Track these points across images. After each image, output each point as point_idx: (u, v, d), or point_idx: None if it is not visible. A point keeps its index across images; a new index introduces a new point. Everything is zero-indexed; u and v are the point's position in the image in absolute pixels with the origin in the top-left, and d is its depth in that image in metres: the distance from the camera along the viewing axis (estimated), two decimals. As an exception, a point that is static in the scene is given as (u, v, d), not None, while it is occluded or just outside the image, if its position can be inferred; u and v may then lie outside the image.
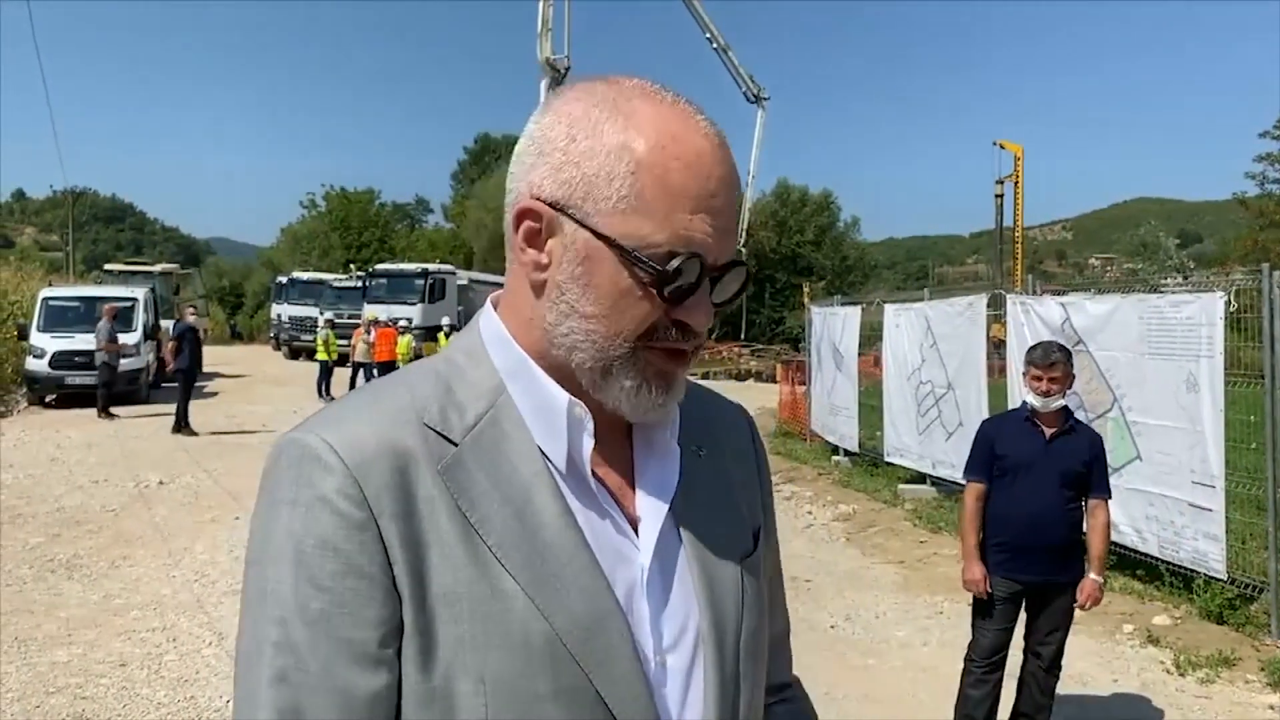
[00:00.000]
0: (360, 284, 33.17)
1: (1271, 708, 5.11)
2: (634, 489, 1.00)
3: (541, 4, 37.18)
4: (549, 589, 0.89)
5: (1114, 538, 7.28)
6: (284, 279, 39.02)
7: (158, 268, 30.45)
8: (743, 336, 46.55)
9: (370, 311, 25.83)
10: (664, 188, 0.88)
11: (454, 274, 32.60)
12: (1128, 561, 7.32)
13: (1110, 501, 7.20)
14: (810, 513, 10.19)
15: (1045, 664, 4.23)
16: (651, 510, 0.98)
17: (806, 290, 42.11)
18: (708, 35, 44.25)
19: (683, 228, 0.88)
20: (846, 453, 13.14)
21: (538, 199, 0.92)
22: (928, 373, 10.49)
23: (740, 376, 33.27)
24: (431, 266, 32.70)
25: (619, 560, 0.95)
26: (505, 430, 0.94)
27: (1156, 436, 6.94)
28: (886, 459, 11.61)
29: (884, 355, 11.88)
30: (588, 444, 0.94)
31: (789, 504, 10.47)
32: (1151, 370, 6.95)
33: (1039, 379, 4.14)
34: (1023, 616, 4.27)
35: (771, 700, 1.15)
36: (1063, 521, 4.08)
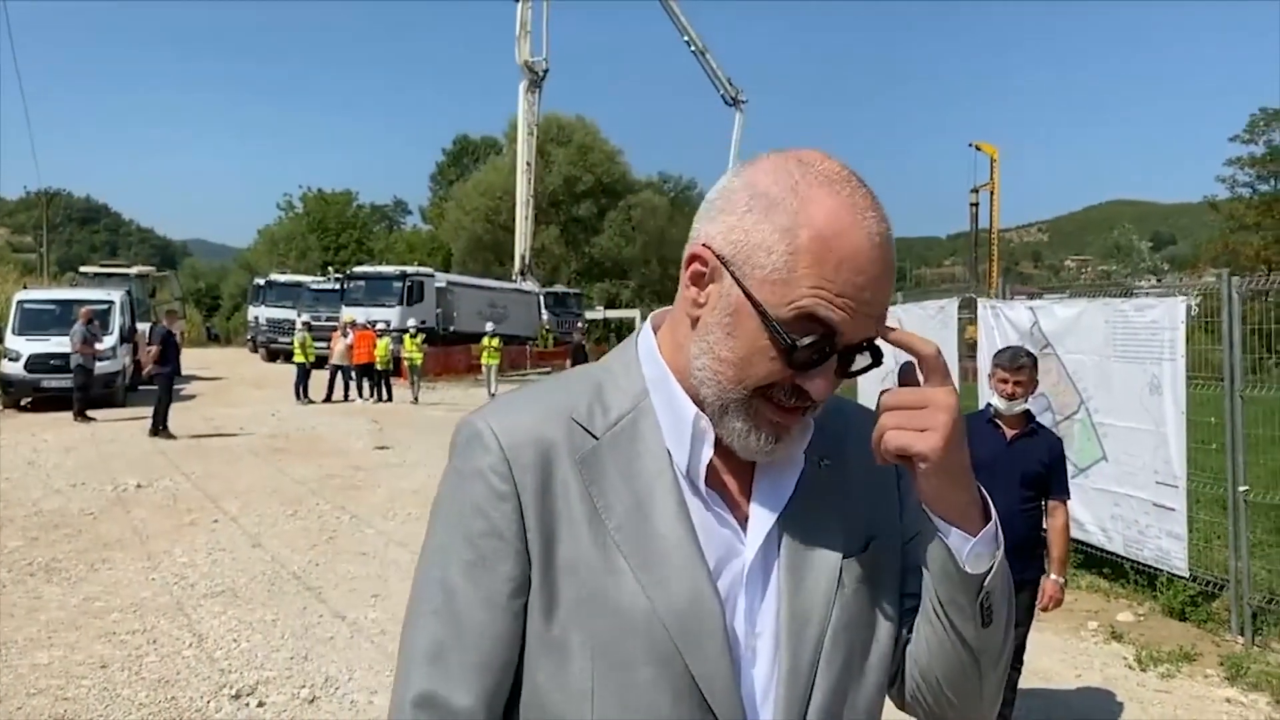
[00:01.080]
0: (338, 286, 33.12)
1: (1228, 700, 5.26)
2: (750, 493, 1.11)
3: (520, 6, 37.29)
4: (654, 572, 1.04)
5: (1081, 536, 7.45)
6: (261, 281, 39.00)
7: (134, 270, 30.13)
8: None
9: (348, 314, 25.82)
10: (813, 272, 0.97)
11: (432, 276, 32.54)
12: (1094, 560, 7.47)
13: (1078, 502, 7.35)
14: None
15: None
16: (762, 513, 1.09)
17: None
18: (686, 38, 44.49)
19: (818, 308, 0.97)
20: (822, 454, 13.24)
21: (708, 248, 1.03)
22: (901, 375, 10.61)
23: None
24: (410, 269, 32.65)
25: (725, 555, 1.07)
26: (641, 431, 1.09)
27: (1122, 438, 7.08)
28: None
29: (859, 358, 12.00)
30: (706, 453, 1.07)
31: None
32: (1117, 373, 7.09)
33: (1005, 381, 4.26)
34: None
35: None
36: (1022, 521, 4.20)
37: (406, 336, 22.83)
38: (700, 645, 1.03)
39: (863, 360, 1.03)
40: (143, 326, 20.47)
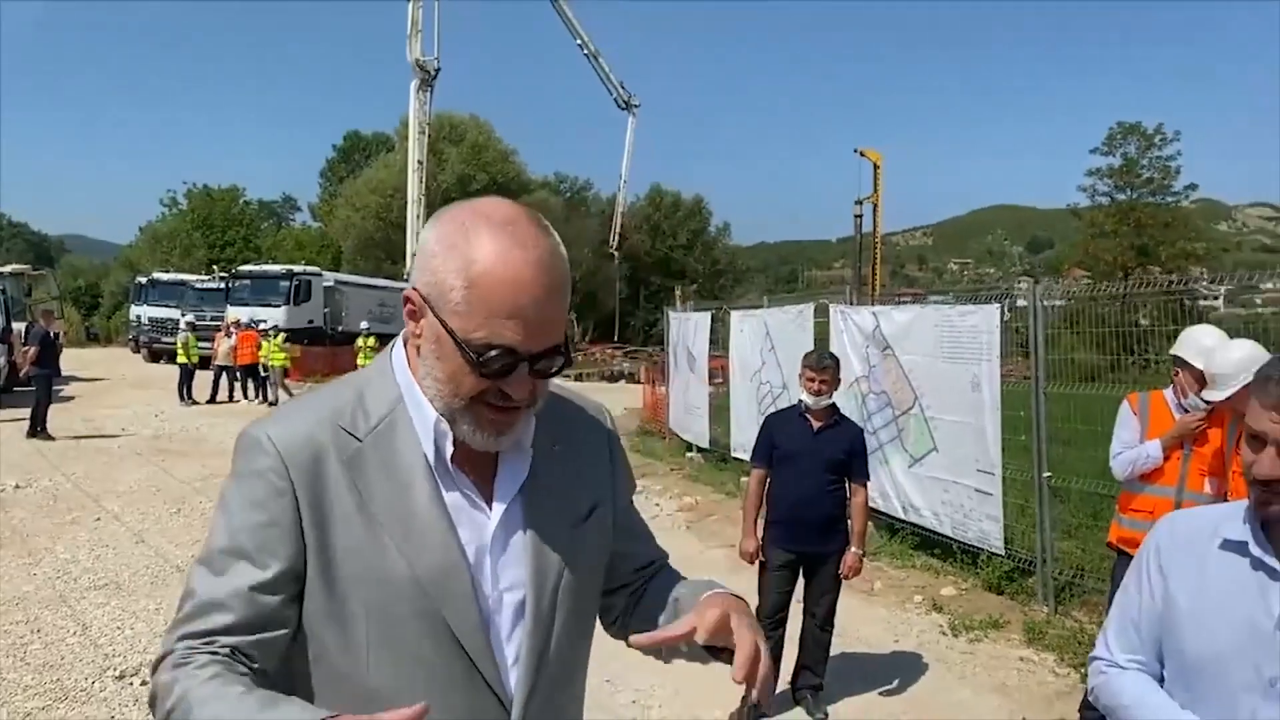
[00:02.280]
0: (223, 285, 32.64)
1: (1021, 659, 5.98)
2: (494, 477, 1.36)
3: (411, 5, 37.08)
4: (414, 545, 1.27)
5: (916, 520, 8.21)
6: (144, 279, 38.02)
7: (7, 268, 29.19)
8: (616, 338, 47.16)
9: (233, 314, 25.57)
10: (485, 301, 1.19)
11: (320, 275, 32.35)
12: (928, 542, 8.21)
13: (914, 489, 8.06)
14: (658, 505, 10.89)
15: (819, 622, 4.99)
16: (503, 491, 1.35)
17: (678, 293, 43.01)
18: (579, 41, 44.84)
19: (497, 329, 1.20)
20: (699, 449, 13.88)
21: (416, 290, 1.27)
22: (767, 374, 11.30)
23: (612, 378, 33.76)
24: (296, 268, 32.40)
25: (473, 528, 1.32)
26: (398, 431, 1.32)
27: (950, 431, 7.81)
28: (733, 454, 12.38)
29: (730, 358, 12.66)
30: (447, 448, 1.31)
31: (640, 498, 10.97)
32: (945, 372, 7.83)
33: (812, 380, 4.89)
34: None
35: (644, 567, 1.58)
36: (827, 500, 4.84)
37: (270, 333, 22.48)
38: (454, 599, 1.28)
39: (556, 362, 1.28)
40: (19, 326, 20.02)
